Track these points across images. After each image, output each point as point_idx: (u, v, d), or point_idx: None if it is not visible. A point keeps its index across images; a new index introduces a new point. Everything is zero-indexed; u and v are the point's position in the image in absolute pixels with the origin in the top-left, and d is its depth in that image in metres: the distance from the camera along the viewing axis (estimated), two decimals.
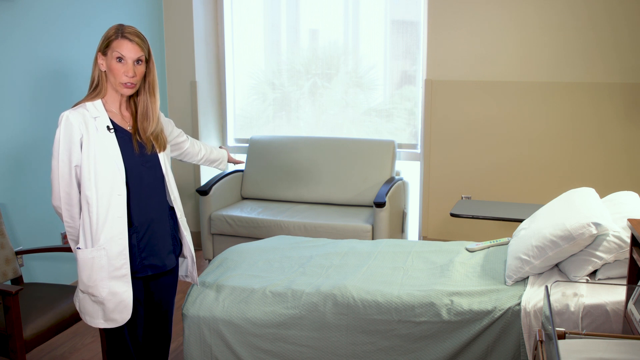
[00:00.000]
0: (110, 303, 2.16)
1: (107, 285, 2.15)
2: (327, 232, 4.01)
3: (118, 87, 2.12)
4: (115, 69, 2.09)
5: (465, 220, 4.20)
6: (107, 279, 2.14)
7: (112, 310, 2.18)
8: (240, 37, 5.01)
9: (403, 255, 2.97)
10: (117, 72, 2.09)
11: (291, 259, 2.95)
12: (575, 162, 4.20)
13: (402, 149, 4.68)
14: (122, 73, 2.09)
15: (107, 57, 2.10)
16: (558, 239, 2.44)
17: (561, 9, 4.09)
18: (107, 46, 2.10)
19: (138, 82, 2.14)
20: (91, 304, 2.20)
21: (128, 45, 2.08)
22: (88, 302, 2.21)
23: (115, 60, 2.08)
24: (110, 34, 2.10)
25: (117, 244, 2.14)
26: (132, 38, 2.09)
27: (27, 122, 3.57)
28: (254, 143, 4.82)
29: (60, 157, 2.11)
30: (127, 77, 2.09)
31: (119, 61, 2.08)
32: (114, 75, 2.10)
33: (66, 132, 2.09)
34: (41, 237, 3.69)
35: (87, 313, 2.24)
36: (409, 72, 4.67)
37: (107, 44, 2.10)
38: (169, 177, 2.28)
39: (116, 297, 2.16)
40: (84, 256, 2.14)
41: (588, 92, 4.12)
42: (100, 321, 2.21)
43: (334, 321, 2.48)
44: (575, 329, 2.20)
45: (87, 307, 2.23)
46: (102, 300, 2.16)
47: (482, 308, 2.37)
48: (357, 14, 4.78)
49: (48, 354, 3.20)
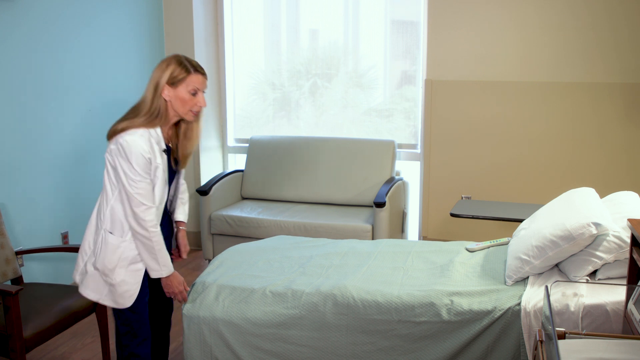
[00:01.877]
0: (119, 288, 2.30)
1: (123, 273, 2.29)
2: (327, 232, 4.01)
3: (186, 115, 2.29)
4: (188, 100, 2.26)
5: (465, 220, 4.20)
6: (124, 268, 2.29)
7: (119, 294, 2.31)
8: (240, 37, 5.01)
9: (403, 255, 2.97)
10: (189, 103, 2.27)
11: (291, 259, 2.95)
12: (575, 162, 4.20)
13: (402, 149, 4.68)
14: (195, 104, 2.28)
15: (176, 89, 2.25)
16: (558, 239, 2.44)
17: (561, 9, 4.09)
18: (180, 80, 2.24)
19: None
20: (100, 282, 2.33)
21: (202, 80, 2.28)
22: (97, 278, 2.33)
23: (189, 92, 2.25)
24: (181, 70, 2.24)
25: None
26: (204, 72, 2.30)
27: (27, 122, 3.57)
28: (254, 143, 4.82)
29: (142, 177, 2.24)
30: (198, 107, 2.29)
31: (193, 94, 2.26)
32: (183, 105, 2.27)
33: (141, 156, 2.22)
34: (41, 237, 3.69)
35: (90, 287, 2.35)
36: (409, 72, 4.67)
37: (179, 77, 2.24)
38: (181, 188, 2.56)
39: (126, 286, 2.30)
40: (114, 241, 2.28)
41: (588, 92, 4.12)
42: (103, 297, 2.34)
43: (334, 321, 2.48)
44: (575, 329, 2.20)
45: (93, 283, 2.34)
46: (113, 283, 2.30)
47: (482, 308, 2.37)
48: (357, 14, 4.79)
49: (48, 354, 3.20)
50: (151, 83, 2.27)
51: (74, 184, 3.93)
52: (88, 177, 4.01)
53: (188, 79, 2.25)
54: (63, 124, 3.83)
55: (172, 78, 2.24)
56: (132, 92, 4.42)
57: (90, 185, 3.99)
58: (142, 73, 4.51)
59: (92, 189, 3.98)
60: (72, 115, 3.90)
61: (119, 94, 4.29)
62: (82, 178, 3.98)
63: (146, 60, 4.56)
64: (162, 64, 2.28)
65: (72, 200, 3.91)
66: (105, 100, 4.17)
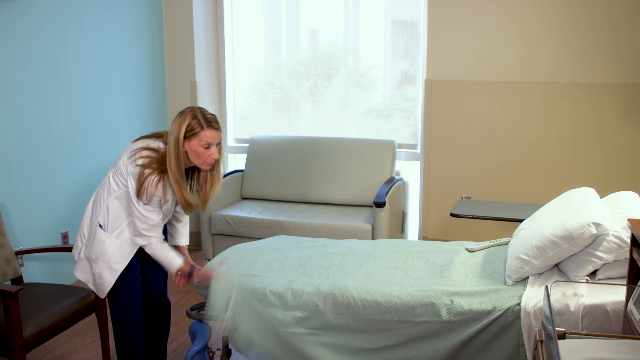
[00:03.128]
0: (96, 279, 2.50)
1: (101, 266, 2.46)
2: (327, 232, 4.01)
3: (202, 166, 2.43)
4: (202, 153, 2.38)
5: (465, 220, 4.20)
6: (104, 262, 2.45)
7: (97, 284, 2.51)
8: (240, 37, 5.01)
9: (403, 255, 2.97)
10: (203, 156, 2.39)
11: (291, 259, 2.95)
12: (575, 162, 4.20)
13: (402, 149, 4.68)
14: (209, 156, 2.39)
15: (191, 142, 2.36)
16: (558, 239, 2.44)
17: (561, 9, 4.09)
18: (193, 135, 2.36)
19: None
20: (88, 268, 2.52)
21: (214, 135, 2.39)
22: (86, 264, 2.52)
23: (202, 146, 2.36)
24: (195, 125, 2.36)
25: (127, 245, 2.48)
26: (217, 127, 2.40)
27: (27, 122, 3.57)
28: (254, 143, 4.82)
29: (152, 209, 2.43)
30: (212, 159, 2.41)
31: (206, 147, 2.37)
32: (198, 157, 2.39)
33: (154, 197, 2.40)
34: (41, 237, 3.69)
35: (80, 269, 2.55)
36: (409, 72, 4.67)
37: (193, 132, 2.36)
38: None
39: (101, 280, 2.48)
40: (101, 236, 2.44)
41: (588, 92, 4.12)
42: (89, 282, 2.54)
43: (334, 321, 2.48)
44: (575, 329, 2.20)
45: (83, 267, 2.54)
46: (94, 272, 2.49)
47: (482, 308, 2.37)
48: (357, 14, 4.79)
49: (48, 354, 3.20)
50: (171, 137, 2.37)
51: (74, 184, 3.92)
52: (88, 177, 4.01)
53: (201, 134, 2.35)
54: (63, 124, 3.83)
55: (186, 132, 2.35)
56: (132, 92, 4.43)
57: (90, 185, 3.99)
58: (142, 73, 4.51)
59: (92, 189, 3.96)
60: (72, 115, 3.90)
61: (119, 94, 4.29)
62: (81, 178, 3.98)
63: (146, 60, 4.56)
64: (178, 118, 2.39)
65: (72, 200, 3.91)
66: (105, 100, 4.17)
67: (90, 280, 2.53)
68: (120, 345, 2.57)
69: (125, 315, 2.53)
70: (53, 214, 3.79)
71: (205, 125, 2.36)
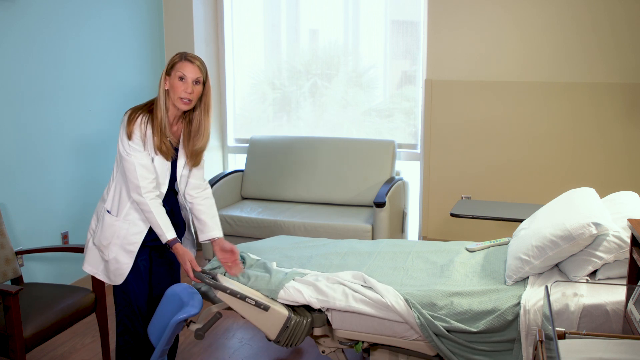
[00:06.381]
0: (112, 265, 2.48)
1: (115, 250, 2.46)
2: (327, 232, 4.01)
3: (177, 102, 2.40)
4: (176, 86, 2.38)
5: (465, 220, 4.20)
6: (117, 245, 2.45)
7: (111, 271, 2.49)
8: (240, 37, 5.01)
9: (403, 255, 2.97)
10: (177, 89, 2.38)
11: (291, 259, 2.95)
12: (575, 162, 4.20)
13: (402, 149, 4.68)
14: (182, 90, 2.37)
15: (170, 77, 2.39)
16: (558, 239, 2.44)
17: (561, 9, 4.09)
18: (171, 67, 2.39)
19: (195, 99, 2.41)
20: (98, 257, 2.52)
21: (189, 67, 2.38)
22: (95, 253, 2.52)
23: (178, 79, 2.37)
24: (175, 58, 2.41)
25: (136, 225, 2.46)
26: (194, 61, 2.40)
27: (27, 122, 3.57)
28: (254, 143, 4.82)
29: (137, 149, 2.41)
30: (186, 94, 2.37)
31: (181, 80, 2.37)
32: (174, 92, 2.38)
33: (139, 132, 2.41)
34: (41, 237, 3.69)
35: (88, 262, 2.55)
36: (409, 72, 4.67)
37: (171, 65, 2.39)
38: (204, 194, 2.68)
39: (117, 264, 2.47)
40: (109, 219, 2.47)
41: (588, 92, 4.12)
42: (99, 272, 2.53)
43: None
44: (575, 329, 2.20)
45: (92, 257, 2.54)
46: (107, 259, 2.48)
47: (482, 308, 2.37)
48: (357, 14, 4.79)
49: (48, 354, 3.20)
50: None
51: (73, 184, 3.92)
52: (88, 177, 4.01)
53: (177, 64, 2.39)
54: (63, 123, 3.82)
55: (167, 68, 2.41)
56: (132, 92, 4.42)
57: (90, 185, 3.99)
58: (142, 73, 4.51)
59: (92, 189, 3.98)
60: (72, 115, 3.89)
61: (119, 94, 4.29)
62: (82, 178, 3.98)
63: (146, 60, 4.56)
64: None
65: (72, 200, 3.91)
66: (105, 100, 4.17)
67: (101, 271, 2.52)
68: (119, 341, 2.56)
69: (127, 310, 2.52)
70: (53, 214, 3.79)
71: (183, 58, 2.40)
